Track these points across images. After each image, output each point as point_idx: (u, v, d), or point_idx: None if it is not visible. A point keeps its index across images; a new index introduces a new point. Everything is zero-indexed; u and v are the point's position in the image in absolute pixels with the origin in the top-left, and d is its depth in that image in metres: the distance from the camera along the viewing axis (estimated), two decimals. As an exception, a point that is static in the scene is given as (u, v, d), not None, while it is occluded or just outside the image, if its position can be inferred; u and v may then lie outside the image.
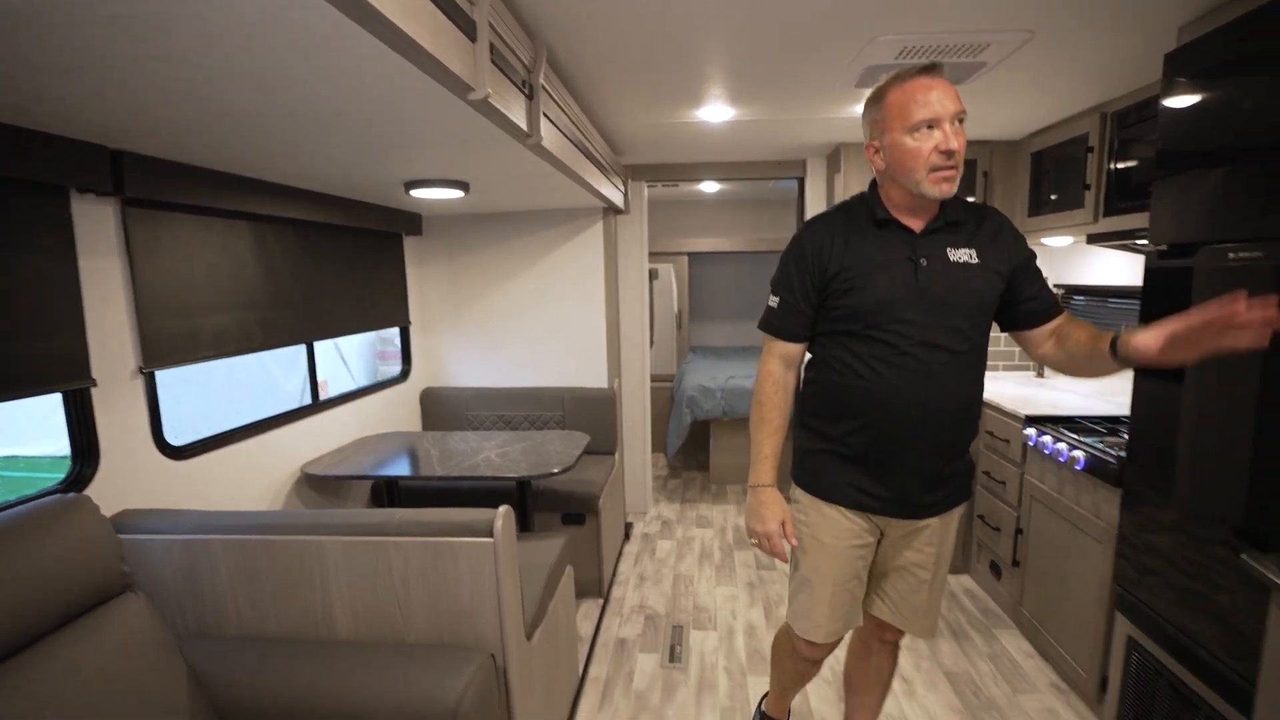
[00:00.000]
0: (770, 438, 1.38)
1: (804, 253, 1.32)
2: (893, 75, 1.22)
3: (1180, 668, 1.54)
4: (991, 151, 2.94)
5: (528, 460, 2.19)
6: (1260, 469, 1.33)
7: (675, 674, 2.23)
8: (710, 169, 3.47)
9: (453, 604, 1.38)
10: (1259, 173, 1.38)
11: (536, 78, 1.50)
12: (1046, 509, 2.19)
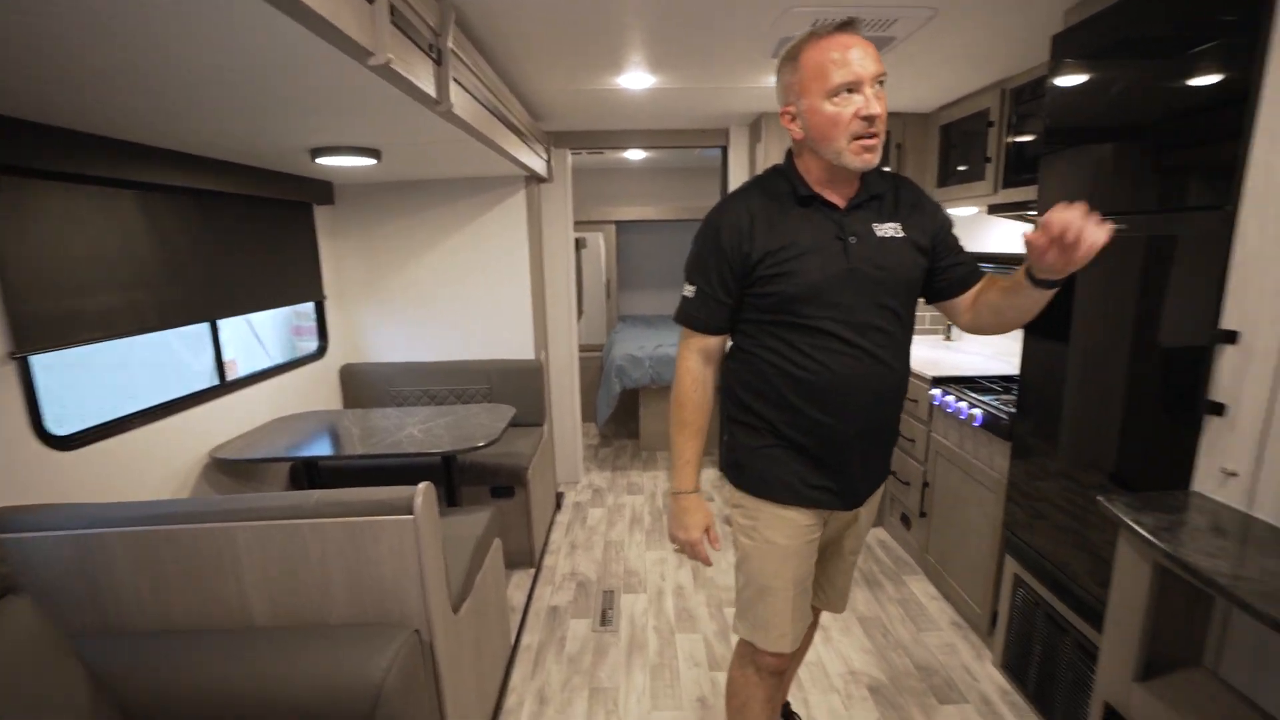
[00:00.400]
0: (692, 441, 1.29)
1: (720, 238, 1.18)
2: (807, 33, 1.11)
3: (1055, 599, 1.72)
4: (904, 124, 3.04)
5: (452, 435, 2.16)
6: (1129, 420, 1.48)
7: (607, 637, 2.29)
8: (634, 137, 3.44)
9: (375, 583, 1.36)
10: (1128, 151, 1.50)
11: (445, 41, 1.44)
12: (949, 463, 2.36)
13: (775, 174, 1.24)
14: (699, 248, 1.24)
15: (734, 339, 1.29)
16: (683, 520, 1.31)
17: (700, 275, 1.23)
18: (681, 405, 1.29)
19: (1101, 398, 1.55)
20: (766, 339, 1.22)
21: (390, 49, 1.13)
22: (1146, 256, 1.41)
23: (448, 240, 3.11)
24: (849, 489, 1.29)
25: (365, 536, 1.33)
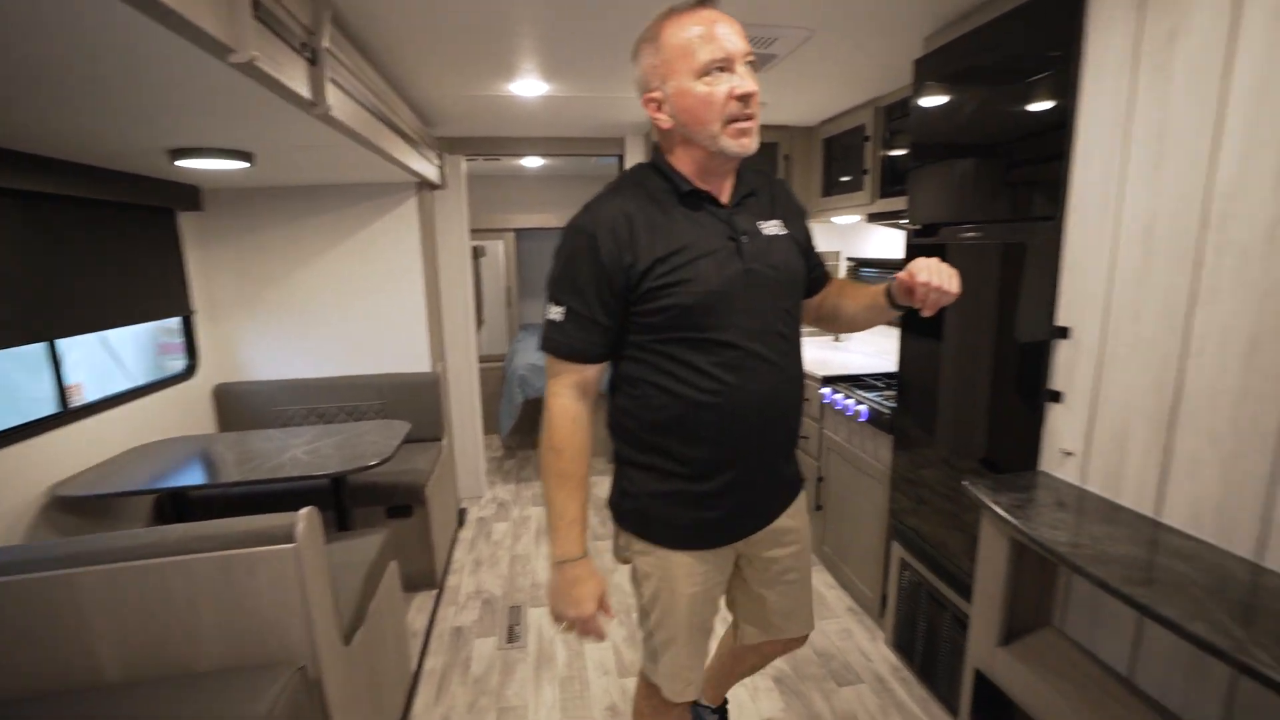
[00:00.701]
0: (575, 495, 1.07)
1: (596, 246, 0.99)
2: (665, 10, 1.00)
3: (935, 578, 1.86)
4: (791, 136, 3.21)
5: (341, 455, 2.04)
6: (993, 410, 1.62)
7: (514, 654, 2.23)
8: (530, 144, 3.41)
9: (253, 621, 1.25)
10: (982, 166, 1.66)
11: (320, 41, 1.36)
12: (840, 458, 2.49)
13: (648, 171, 1.09)
14: (566, 261, 1.03)
15: (620, 368, 1.11)
16: (571, 594, 1.07)
17: (572, 294, 1.02)
18: (559, 453, 1.06)
19: (970, 390, 1.70)
20: (662, 362, 1.05)
21: (255, 46, 1.05)
22: (1002, 261, 1.56)
23: (335, 249, 2.94)
24: (761, 511, 1.19)
25: (240, 570, 1.23)
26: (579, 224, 1.03)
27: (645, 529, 1.14)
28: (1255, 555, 1.00)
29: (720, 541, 1.16)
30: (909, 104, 1.91)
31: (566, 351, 1.05)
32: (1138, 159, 1.17)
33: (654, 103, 1.02)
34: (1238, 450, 1.02)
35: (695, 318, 1.02)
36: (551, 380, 1.08)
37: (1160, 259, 1.13)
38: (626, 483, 1.15)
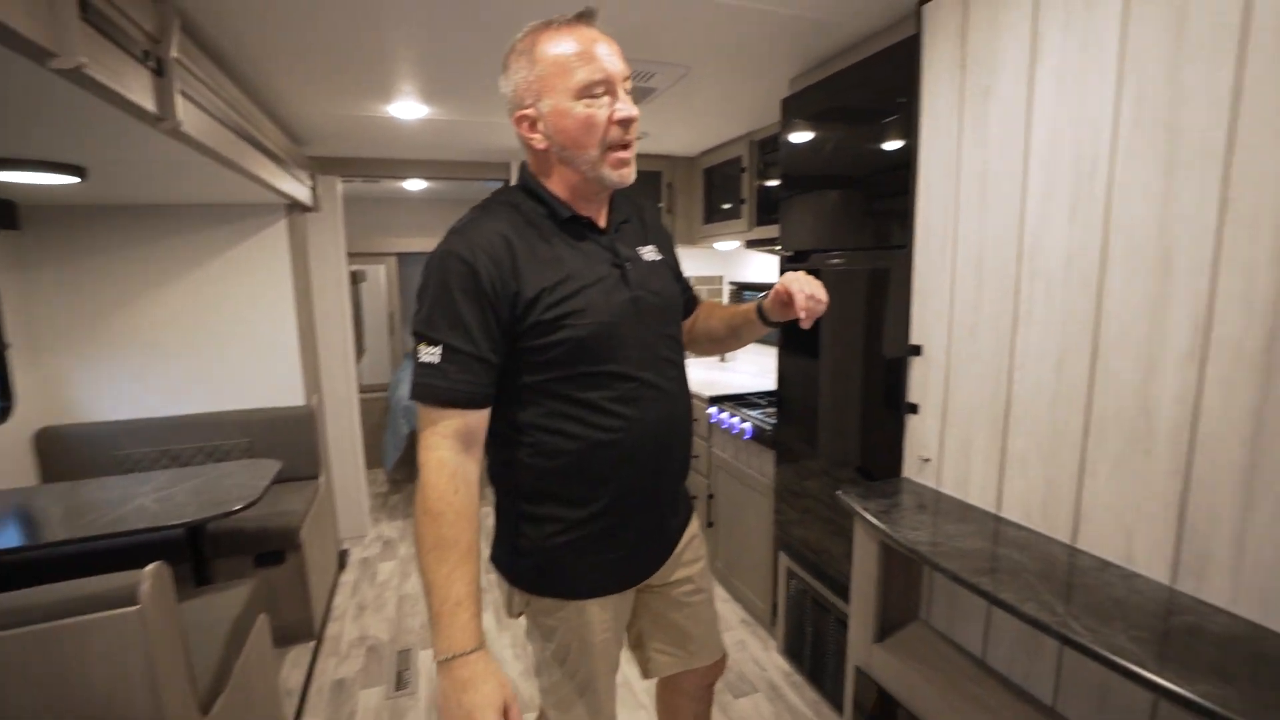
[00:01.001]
0: (461, 569, 0.88)
1: (475, 273, 0.90)
2: (540, 24, 0.94)
3: (819, 584, 1.97)
4: (674, 165, 3.34)
5: (199, 501, 1.84)
6: (865, 422, 1.75)
7: (403, 701, 2.10)
8: (411, 166, 3.31)
9: (83, 700, 1.09)
10: (842, 198, 1.81)
11: (166, 50, 1.26)
12: (728, 475, 2.58)
13: (519, 194, 1.02)
14: (439, 293, 0.91)
15: (505, 415, 0.99)
16: (463, 703, 0.84)
17: (451, 329, 0.90)
18: (439, 518, 0.88)
19: (844, 404, 1.83)
20: (558, 404, 0.97)
21: (84, 51, 0.95)
22: (869, 285, 1.70)
23: (193, 274, 2.68)
24: (660, 545, 1.14)
25: (66, 644, 1.07)
26: (452, 250, 0.91)
27: (546, 585, 1.04)
28: (1071, 539, 1.15)
29: (630, 582, 1.10)
30: (779, 139, 2.06)
31: (448, 396, 0.90)
32: (966, 197, 1.33)
33: (527, 121, 0.95)
34: (1054, 450, 1.17)
35: (589, 351, 0.95)
36: (427, 432, 0.91)
37: (989, 285, 1.29)
38: (519, 539, 1.03)
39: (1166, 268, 0.98)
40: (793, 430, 2.09)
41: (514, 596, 1.09)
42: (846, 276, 1.76)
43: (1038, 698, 1.25)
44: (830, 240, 1.85)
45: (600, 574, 1.05)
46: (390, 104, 2.23)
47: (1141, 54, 0.99)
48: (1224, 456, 0.92)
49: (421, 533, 0.89)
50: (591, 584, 1.05)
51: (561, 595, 1.05)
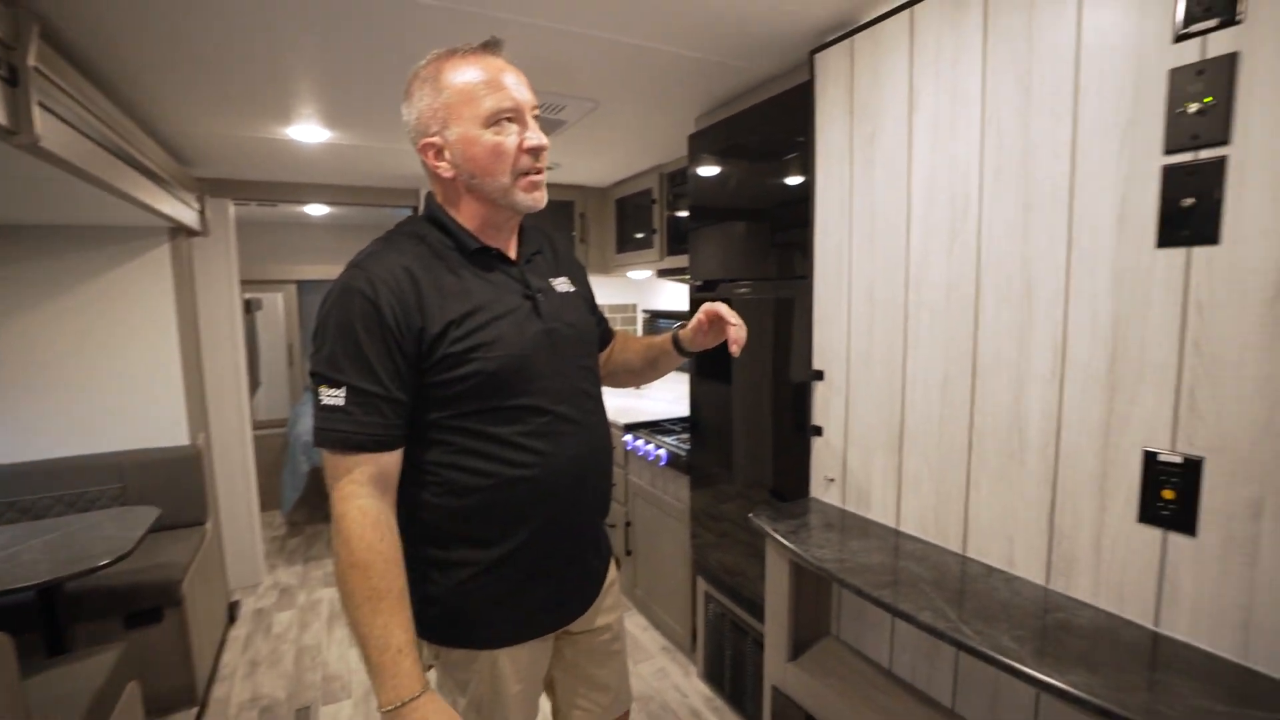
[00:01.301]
0: (397, 616, 0.85)
1: (377, 310, 0.86)
2: (445, 51, 0.94)
3: (736, 607, 2.00)
4: (586, 196, 3.38)
5: (54, 558, 1.64)
6: (776, 444, 1.81)
7: (301, 766, 1.94)
8: (313, 191, 3.17)
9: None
10: (753, 230, 1.90)
11: (23, 58, 1.15)
12: (645, 501, 2.59)
13: (425, 224, 0.99)
14: (341, 332, 0.87)
15: (410, 452, 0.94)
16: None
17: (355, 370, 0.86)
18: (368, 569, 0.84)
19: (757, 428, 1.89)
20: (466, 440, 0.93)
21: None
22: (776, 313, 1.78)
23: (56, 302, 2.42)
24: (586, 584, 1.09)
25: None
26: (352, 285, 0.87)
27: (458, 634, 0.98)
28: (962, 549, 1.24)
29: (550, 627, 1.04)
30: (687, 172, 2.13)
31: (358, 441, 0.86)
32: (858, 232, 1.42)
33: (433, 149, 0.94)
34: (943, 466, 1.26)
35: (499, 385, 0.93)
36: (340, 482, 0.87)
37: (880, 314, 1.38)
38: (427, 585, 0.96)
39: (1029, 297, 1.09)
40: (707, 455, 2.13)
41: (423, 648, 1.01)
42: (754, 305, 1.84)
43: (939, 701, 1.32)
44: (738, 270, 1.92)
45: (518, 620, 1.00)
46: (290, 126, 2.14)
47: (999, 107, 1.11)
48: (1082, 466, 1.03)
49: (350, 587, 0.84)
50: (507, 632, 0.99)
51: (474, 645, 0.99)
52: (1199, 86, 0.86)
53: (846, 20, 1.44)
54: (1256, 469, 0.84)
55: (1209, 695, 0.80)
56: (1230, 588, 0.87)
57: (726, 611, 2.06)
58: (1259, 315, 0.82)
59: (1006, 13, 1.09)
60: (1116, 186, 0.96)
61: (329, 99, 1.91)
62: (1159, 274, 0.92)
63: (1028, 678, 0.87)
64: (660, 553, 2.53)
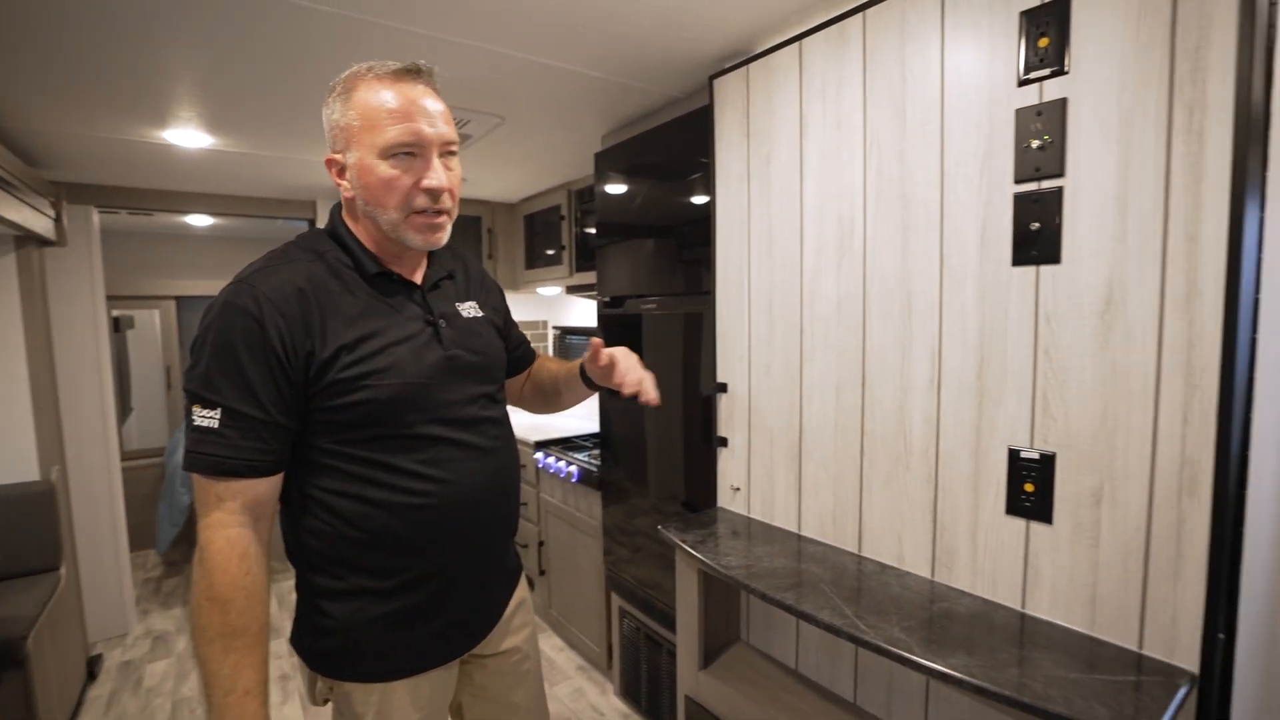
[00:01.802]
0: (250, 657, 0.82)
1: (263, 328, 0.82)
2: (366, 67, 0.89)
3: (651, 620, 2.01)
4: (494, 211, 3.34)
5: None
6: (687, 457, 1.85)
7: (177, 832, 1.75)
8: (195, 200, 2.95)
9: None
10: (652, 248, 1.94)
11: None
12: (558, 519, 2.56)
13: (326, 240, 0.95)
14: (220, 350, 0.82)
15: (301, 481, 0.91)
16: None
17: (233, 391, 0.81)
18: (228, 605, 0.80)
19: (668, 441, 1.91)
20: (359, 468, 0.89)
21: None
22: (684, 328, 1.82)
23: None
24: (489, 607, 1.06)
25: None
26: (236, 301, 0.83)
27: (354, 668, 0.93)
28: (858, 549, 1.31)
29: (451, 655, 1.00)
30: (595, 190, 2.16)
31: (232, 466, 0.81)
32: (756, 249, 1.49)
33: (336, 165, 0.92)
34: (839, 471, 1.34)
35: (393, 413, 0.89)
36: (209, 509, 0.82)
37: (779, 326, 1.45)
38: (321, 618, 0.92)
39: (909, 312, 1.18)
40: (618, 470, 2.14)
41: (317, 682, 0.97)
42: (664, 321, 1.88)
43: (842, 696, 1.38)
44: (646, 287, 1.96)
45: (418, 649, 0.96)
46: (166, 130, 1.98)
47: (879, 136, 1.21)
48: (958, 466, 1.12)
49: (204, 621, 0.80)
50: (407, 661, 0.95)
51: (371, 678, 0.94)
52: (1039, 125, 0.97)
53: (742, 49, 1.52)
54: (1095, 461, 0.95)
55: (1065, 665, 0.89)
56: (1079, 568, 0.97)
57: (641, 626, 2.07)
58: (1093, 326, 0.94)
59: (882, 51, 1.19)
60: (978, 211, 1.06)
61: (212, 103, 1.79)
62: (1015, 290, 1.02)
63: (915, 665, 0.93)
64: (574, 571, 2.50)
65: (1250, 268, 0.82)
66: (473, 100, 1.82)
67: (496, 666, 1.11)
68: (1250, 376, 0.85)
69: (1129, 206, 0.89)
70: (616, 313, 2.08)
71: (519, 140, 2.23)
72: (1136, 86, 0.88)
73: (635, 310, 1.99)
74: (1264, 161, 0.84)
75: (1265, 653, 1.06)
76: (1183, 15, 0.84)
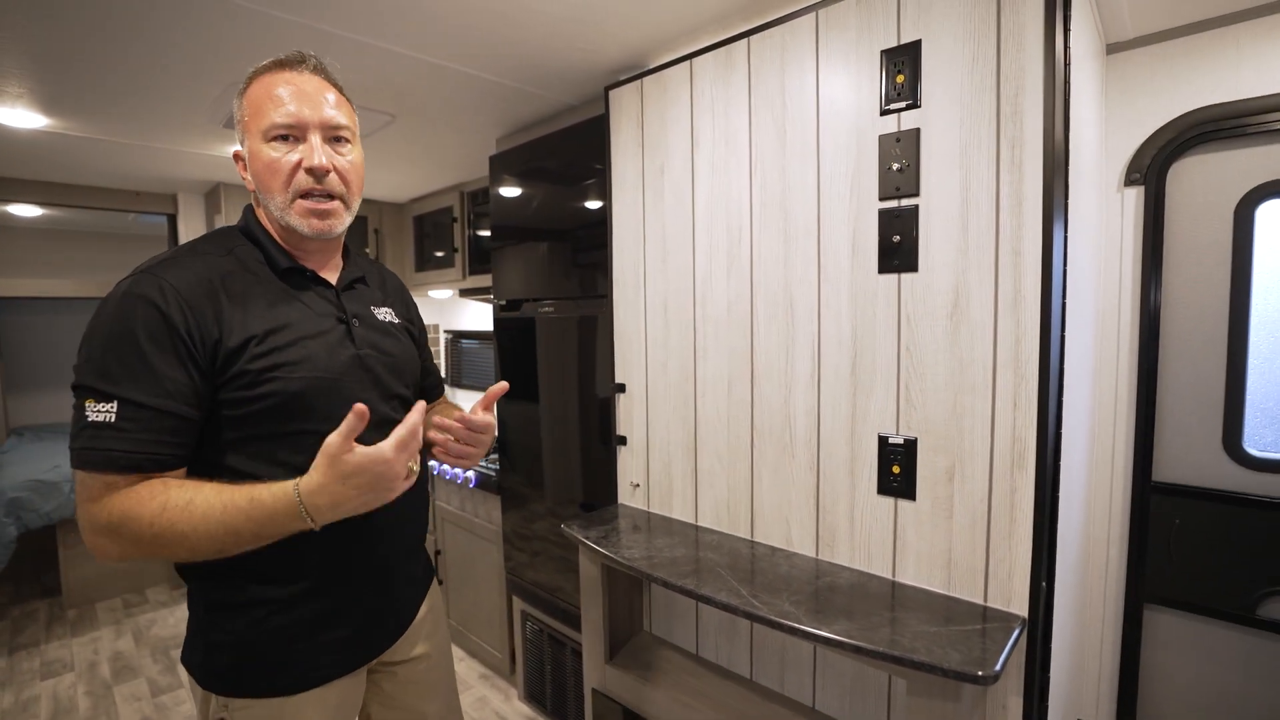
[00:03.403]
0: (221, 495, 0.78)
1: (167, 316, 0.79)
2: (272, 59, 0.92)
3: (553, 621, 2.02)
4: (381, 211, 3.20)
5: None
6: (585, 457, 1.88)
7: None
8: (27, 189, 2.59)
9: None
10: (548, 252, 1.96)
11: None
12: (456, 526, 2.51)
13: (237, 235, 0.95)
14: (118, 338, 0.78)
15: (192, 479, 0.85)
16: (366, 482, 0.78)
17: (132, 381, 0.77)
18: (168, 528, 0.76)
19: (566, 443, 1.94)
20: (259, 466, 0.85)
21: None
22: (580, 331, 1.85)
23: None
24: (397, 613, 1.04)
25: None
26: (138, 290, 0.80)
27: (251, 683, 0.89)
28: (750, 535, 1.41)
29: (357, 662, 0.97)
30: (489, 192, 2.14)
31: (130, 461, 0.76)
32: (651, 254, 1.56)
33: (240, 159, 0.93)
34: (732, 462, 1.43)
35: (301, 408, 0.87)
36: (93, 504, 0.77)
37: (674, 327, 1.53)
38: (215, 631, 0.88)
39: (792, 314, 1.29)
40: (517, 474, 2.14)
41: (210, 701, 0.90)
42: (560, 324, 1.90)
43: (739, 674, 1.48)
44: (542, 290, 1.98)
45: (322, 659, 0.92)
46: (-14, 109, 1.74)
47: (763, 153, 1.32)
48: (837, 453, 1.24)
49: (172, 545, 0.77)
50: (309, 673, 0.91)
51: (273, 693, 0.89)
52: (898, 150, 1.11)
53: (636, 63, 1.59)
54: (948, 443, 1.10)
55: (928, 622, 1.03)
56: (938, 537, 1.12)
57: (544, 628, 2.08)
58: (943, 326, 1.08)
59: (765, 75, 1.30)
60: (849, 224, 1.19)
61: (47, 80, 1.60)
62: (881, 294, 1.16)
63: (804, 634, 1.03)
64: (474, 578, 2.46)
65: (1059, 277, 0.99)
66: (361, 97, 1.75)
67: (406, 674, 1.08)
68: (1061, 367, 1.02)
69: (969, 223, 1.05)
70: (512, 316, 2.08)
71: (410, 139, 2.17)
72: (974, 122, 1.03)
73: (531, 313, 2.00)
74: (1065, 191, 1.02)
75: (1075, 600, 1.27)
76: (1004, 66, 1.00)
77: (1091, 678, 1.58)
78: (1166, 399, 1.47)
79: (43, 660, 2.67)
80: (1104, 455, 1.54)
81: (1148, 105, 1.42)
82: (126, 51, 1.44)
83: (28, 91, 1.67)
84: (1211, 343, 1.41)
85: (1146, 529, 1.50)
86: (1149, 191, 1.44)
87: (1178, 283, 1.44)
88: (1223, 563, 1.42)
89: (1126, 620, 1.53)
